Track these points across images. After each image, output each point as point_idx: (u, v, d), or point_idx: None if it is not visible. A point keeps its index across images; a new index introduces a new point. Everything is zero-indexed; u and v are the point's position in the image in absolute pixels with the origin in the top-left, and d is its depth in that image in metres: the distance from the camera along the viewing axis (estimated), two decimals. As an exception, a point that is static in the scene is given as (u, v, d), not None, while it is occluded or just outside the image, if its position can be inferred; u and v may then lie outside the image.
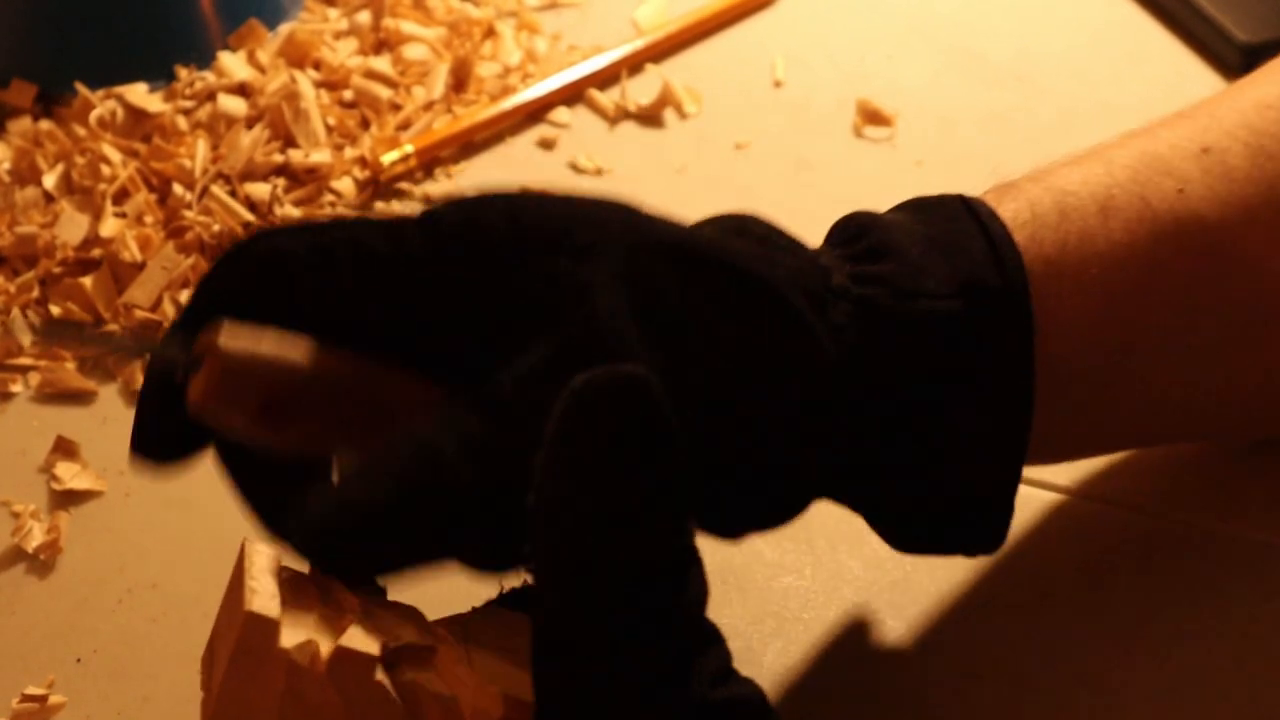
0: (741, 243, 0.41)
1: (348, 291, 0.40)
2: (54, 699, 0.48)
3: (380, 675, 0.39)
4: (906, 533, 0.44)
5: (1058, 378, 0.42)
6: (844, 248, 0.43)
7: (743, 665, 0.46)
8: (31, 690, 0.48)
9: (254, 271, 0.41)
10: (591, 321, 0.38)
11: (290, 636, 0.39)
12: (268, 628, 0.39)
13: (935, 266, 0.41)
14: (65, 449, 0.56)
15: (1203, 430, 0.49)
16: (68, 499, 0.54)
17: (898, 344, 0.40)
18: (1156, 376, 0.44)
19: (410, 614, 0.41)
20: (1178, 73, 0.72)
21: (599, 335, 0.38)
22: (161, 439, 0.42)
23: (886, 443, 0.41)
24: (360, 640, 0.39)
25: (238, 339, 0.40)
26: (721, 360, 0.39)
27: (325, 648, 0.39)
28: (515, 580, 0.42)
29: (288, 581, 0.41)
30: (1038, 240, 0.43)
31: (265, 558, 0.41)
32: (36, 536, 0.53)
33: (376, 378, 0.41)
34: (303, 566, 0.42)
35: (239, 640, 0.39)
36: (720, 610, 0.49)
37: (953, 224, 0.43)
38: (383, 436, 0.39)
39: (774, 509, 0.42)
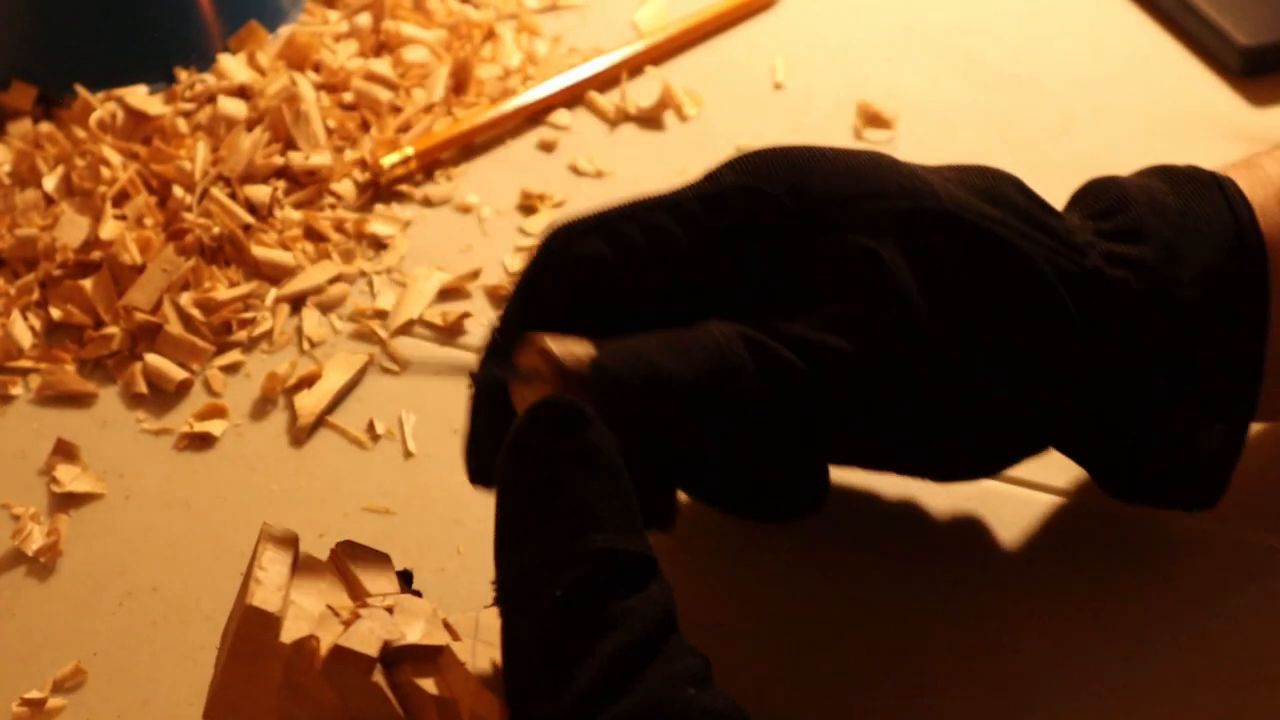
0: (1000, 213, 0.45)
1: (654, 289, 0.43)
2: (53, 702, 0.48)
3: (377, 676, 0.39)
4: (1129, 486, 0.47)
5: None
6: (1097, 221, 0.46)
7: (743, 661, 0.46)
8: (31, 694, 0.48)
9: (570, 281, 0.43)
10: (889, 287, 0.43)
11: (291, 631, 0.39)
12: (268, 622, 0.39)
13: (1186, 250, 0.45)
14: (65, 451, 0.56)
15: None
16: (68, 501, 0.54)
17: (1141, 327, 0.44)
18: None
19: (422, 608, 0.41)
20: (1177, 75, 0.72)
21: (895, 299, 0.43)
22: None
23: (1121, 407, 0.45)
24: (360, 640, 0.39)
25: (568, 350, 0.41)
26: (989, 327, 0.44)
27: (326, 642, 0.39)
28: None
29: (304, 567, 0.41)
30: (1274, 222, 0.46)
31: (280, 543, 0.41)
32: (36, 539, 0.53)
33: None
34: (321, 553, 0.42)
35: (238, 632, 0.39)
36: (723, 606, 0.49)
37: (1203, 200, 0.46)
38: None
39: (1007, 456, 0.47)
